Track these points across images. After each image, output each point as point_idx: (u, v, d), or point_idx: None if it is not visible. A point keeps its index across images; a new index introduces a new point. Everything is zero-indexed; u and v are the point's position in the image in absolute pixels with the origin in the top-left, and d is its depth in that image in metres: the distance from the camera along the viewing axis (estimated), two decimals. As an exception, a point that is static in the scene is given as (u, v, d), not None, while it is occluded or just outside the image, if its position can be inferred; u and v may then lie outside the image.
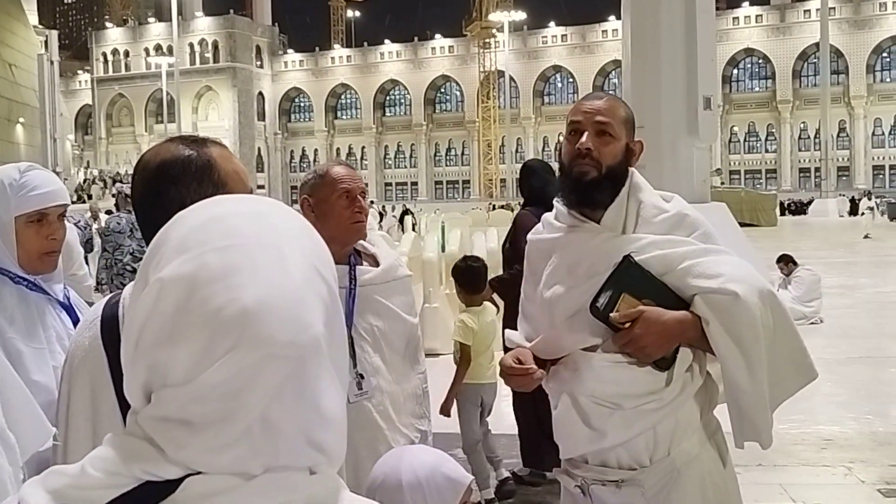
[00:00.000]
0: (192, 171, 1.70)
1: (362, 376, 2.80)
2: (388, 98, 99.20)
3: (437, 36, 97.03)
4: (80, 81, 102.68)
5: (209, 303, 0.80)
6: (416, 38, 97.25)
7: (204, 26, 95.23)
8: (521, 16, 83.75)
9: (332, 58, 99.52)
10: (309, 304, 0.82)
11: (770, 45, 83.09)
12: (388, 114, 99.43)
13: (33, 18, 58.95)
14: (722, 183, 72.05)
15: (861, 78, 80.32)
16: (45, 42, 58.24)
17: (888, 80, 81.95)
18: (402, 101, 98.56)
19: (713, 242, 2.38)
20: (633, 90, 11.29)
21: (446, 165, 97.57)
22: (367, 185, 2.98)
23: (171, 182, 1.68)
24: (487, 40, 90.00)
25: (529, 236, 2.57)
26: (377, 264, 2.96)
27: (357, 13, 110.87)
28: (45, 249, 2.38)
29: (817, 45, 63.24)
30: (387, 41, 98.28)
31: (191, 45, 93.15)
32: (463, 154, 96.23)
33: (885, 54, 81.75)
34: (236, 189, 1.72)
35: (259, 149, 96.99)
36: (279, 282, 0.82)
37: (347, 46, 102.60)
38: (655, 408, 2.27)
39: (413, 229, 26.64)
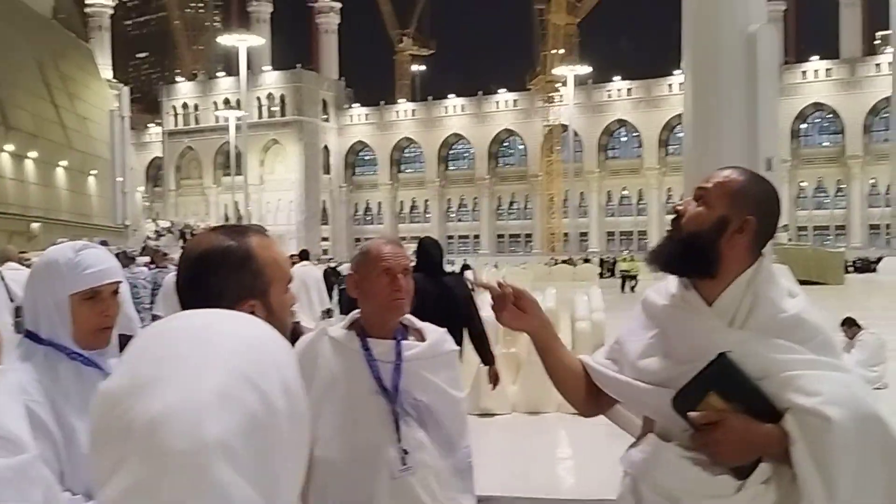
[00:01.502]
0: (231, 260, 1.76)
1: (406, 451, 2.80)
2: (451, 151, 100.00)
3: (501, 90, 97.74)
4: (150, 134, 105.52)
5: (126, 415, 0.82)
6: (479, 93, 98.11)
7: (272, 80, 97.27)
8: (585, 70, 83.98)
9: (397, 112, 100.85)
10: (217, 413, 0.82)
11: (839, 100, 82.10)
12: (451, 167, 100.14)
13: (107, 73, 60.87)
14: (790, 240, 70.89)
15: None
16: (118, 96, 59.99)
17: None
18: (466, 154, 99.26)
19: (830, 353, 2.18)
20: (693, 149, 11.27)
21: (508, 219, 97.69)
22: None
23: (211, 272, 1.74)
24: (551, 94, 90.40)
25: (650, 293, 2.41)
26: (423, 339, 2.98)
27: (422, 67, 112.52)
28: (100, 326, 2.46)
29: (888, 99, 62.28)
30: (451, 95, 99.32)
31: (258, 99, 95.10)
32: (526, 207, 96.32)
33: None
34: (275, 276, 1.79)
35: (324, 202, 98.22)
36: (188, 392, 0.82)
37: (412, 100, 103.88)
38: None
39: (473, 284, 26.60)
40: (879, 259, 57.49)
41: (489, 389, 9.79)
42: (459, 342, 6.61)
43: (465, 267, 39.45)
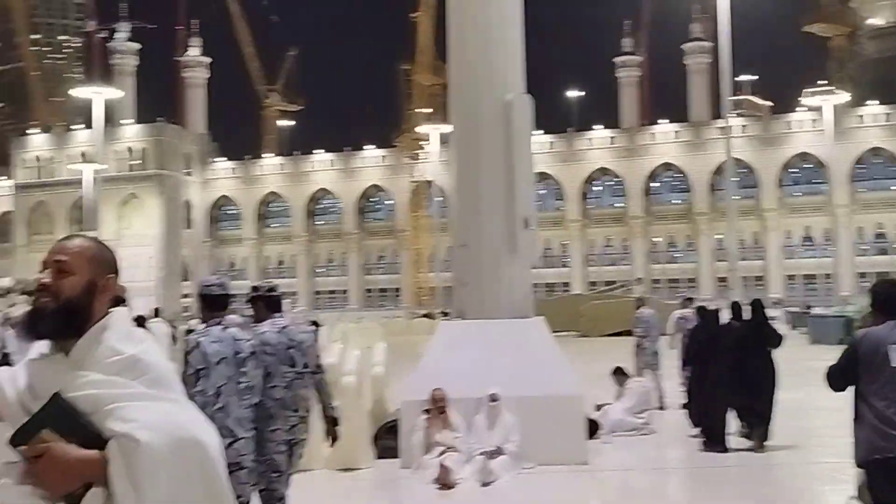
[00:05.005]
0: None
1: None
2: (318, 206, 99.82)
3: (369, 146, 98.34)
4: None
5: None
6: (347, 148, 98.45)
7: (132, 133, 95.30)
8: (448, 128, 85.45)
9: (262, 166, 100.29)
10: None
11: (687, 160, 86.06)
12: (318, 222, 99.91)
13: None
14: (644, 292, 73.31)
15: (772, 191, 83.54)
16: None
17: (798, 193, 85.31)
18: (333, 209, 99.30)
19: (164, 387, 2.43)
20: (458, 212, 11.92)
21: (377, 273, 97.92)
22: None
23: None
24: (417, 151, 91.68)
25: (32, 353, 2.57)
26: None
27: (291, 122, 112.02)
28: None
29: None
30: (319, 150, 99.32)
31: (117, 152, 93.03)
32: (394, 262, 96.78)
33: (793, 170, 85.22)
34: None
35: (185, 257, 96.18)
36: None
37: (279, 155, 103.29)
38: None
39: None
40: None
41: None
42: None
43: (314, 323, 39.44)
